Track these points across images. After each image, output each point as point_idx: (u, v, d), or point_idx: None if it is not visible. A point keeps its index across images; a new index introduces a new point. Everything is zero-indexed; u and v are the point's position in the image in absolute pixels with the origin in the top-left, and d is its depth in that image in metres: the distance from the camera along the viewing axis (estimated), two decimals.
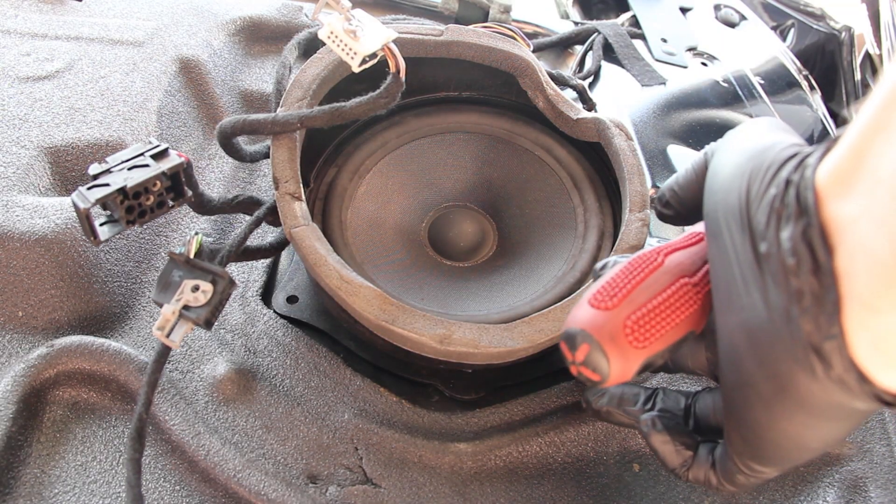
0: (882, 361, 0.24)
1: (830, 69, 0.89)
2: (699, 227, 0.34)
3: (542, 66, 0.53)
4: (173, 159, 0.39)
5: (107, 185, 0.37)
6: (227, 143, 0.46)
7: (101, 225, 0.38)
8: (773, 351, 0.27)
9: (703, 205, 0.32)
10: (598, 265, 0.36)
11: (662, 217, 0.38)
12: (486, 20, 0.75)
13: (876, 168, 0.23)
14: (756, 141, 0.30)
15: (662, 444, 0.37)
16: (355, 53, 0.40)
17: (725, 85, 0.72)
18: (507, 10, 0.75)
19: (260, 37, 0.72)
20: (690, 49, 0.78)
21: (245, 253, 0.46)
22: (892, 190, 0.22)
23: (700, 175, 0.33)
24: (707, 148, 0.34)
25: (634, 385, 0.43)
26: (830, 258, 0.24)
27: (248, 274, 0.53)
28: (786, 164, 0.27)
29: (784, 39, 0.92)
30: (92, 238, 0.38)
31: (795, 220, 0.25)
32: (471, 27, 0.54)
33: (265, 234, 0.55)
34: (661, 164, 0.61)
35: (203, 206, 0.44)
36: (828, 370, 0.25)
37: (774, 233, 0.26)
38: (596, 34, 0.76)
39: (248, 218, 0.45)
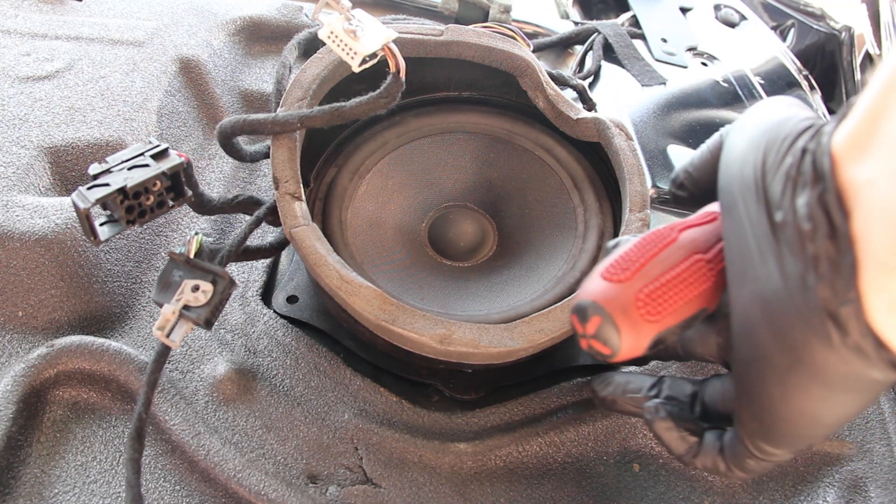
0: None
1: (830, 69, 0.89)
2: (714, 206, 0.34)
3: (542, 66, 0.53)
4: (173, 159, 0.39)
5: (107, 184, 0.37)
6: (227, 143, 0.46)
7: (101, 225, 0.38)
8: (788, 320, 0.26)
9: (717, 182, 0.31)
10: (611, 243, 0.36)
11: (676, 199, 0.38)
12: (486, 20, 0.75)
13: (891, 129, 0.23)
14: (772, 115, 0.30)
15: (666, 430, 0.37)
16: (355, 53, 0.40)
17: (725, 85, 0.72)
18: (507, 10, 0.75)
19: (260, 37, 0.72)
20: (690, 49, 0.78)
21: (245, 253, 0.46)
22: None
23: (715, 156, 0.33)
24: (723, 129, 0.33)
25: (640, 374, 0.43)
26: (847, 222, 0.24)
27: (248, 274, 0.53)
28: (802, 134, 0.27)
29: (784, 39, 0.92)
30: (92, 238, 0.38)
31: (812, 187, 0.25)
32: (471, 27, 0.54)
33: (265, 234, 0.55)
34: (661, 164, 0.61)
35: (203, 206, 0.44)
36: (844, 337, 0.25)
37: (790, 200, 0.26)
38: (596, 34, 0.76)
39: (248, 218, 0.45)
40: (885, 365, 0.25)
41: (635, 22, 0.81)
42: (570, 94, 0.63)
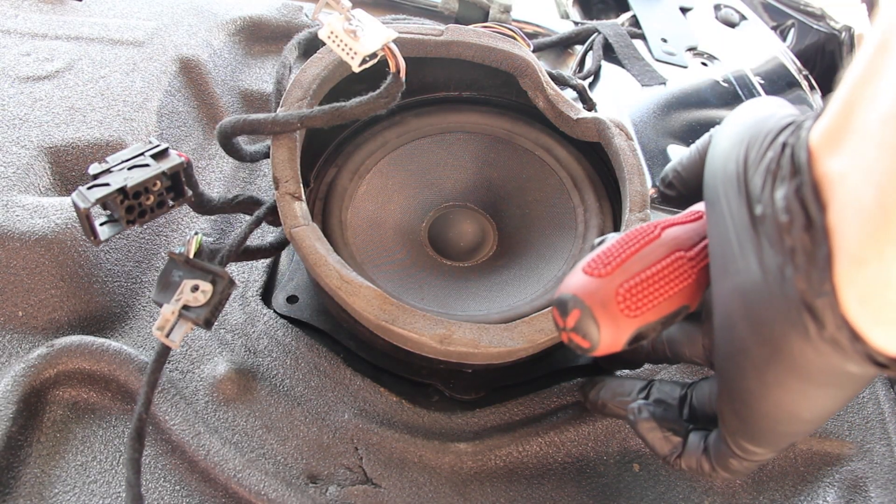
0: (871, 317, 0.24)
1: (830, 69, 0.89)
2: (699, 206, 0.35)
3: (542, 66, 0.53)
4: (173, 159, 0.39)
5: (107, 184, 0.37)
6: (227, 143, 0.46)
7: (101, 225, 0.38)
8: (766, 313, 0.27)
9: (703, 169, 0.32)
10: (597, 240, 0.37)
11: (664, 198, 0.38)
12: (486, 20, 0.75)
13: (863, 121, 0.23)
14: (756, 114, 0.30)
15: (649, 431, 0.38)
16: (355, 53, 0.40)
17: (725, 85, 0.72)
18: (507, 10, 0.75)
19: (260, 37, 0.72)
20: (690, 49, 0.78)
21: (245, 253, 0.46)
22: (878, 140, 0.22)
23: (703, 156, 0.34)
24: (712, 130, 0.34)
25: (631, 377, 0.43)
26: (822, 214, 0.24)
27: (248, 274, 0.53)
28: (783, 130, 0.27)
29: (784, 39, 0.92)
30: (92, 238, 0.38)
31: (790, 180, 0.25)
32: (471, 27, 0.54)
33: (265, 234, 0.55)
34: (661, 164, 0.61)
35: (203, 205, 0.44)
36: (821, 330, 0.25)
37: (769, 193, 0.26)
38: (596, 34, 0.76)
39: (248, 218, 0.45)
40: (860, 358, 0.25)
41: (635, 22, 0.81)
42: (570, 94, 0.63)
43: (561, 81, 0.60)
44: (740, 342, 0.29)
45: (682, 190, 0.37)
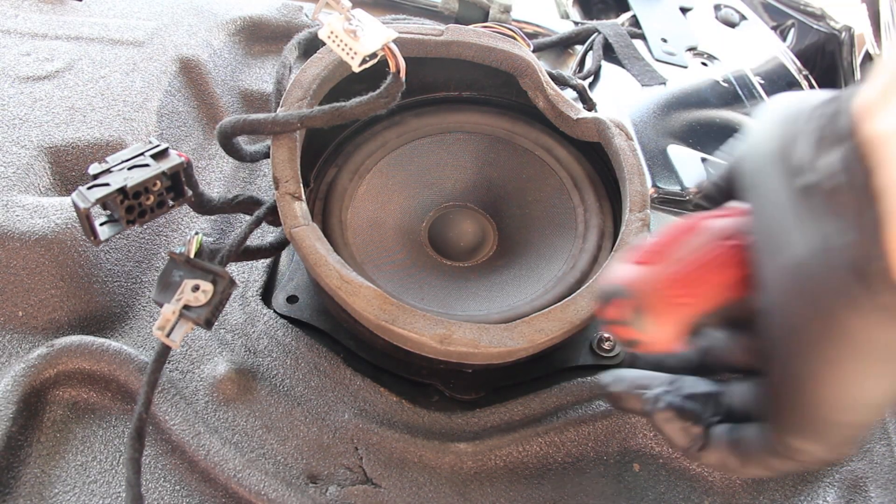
0: None
1: (830, 69, 0.89)
2: (733, 203, 0.34)
3: (542, 66, 0.53)
4: (173, 159, 0.39)
5: (107, 184, 0.37)
6: (227, 142, 0.46)
7: (101, 225, 0.38)
8: (816, 284, 0.26)
9: (738, 170, 0.31)
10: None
11: (699, 210, 0.37)
12: (486, 20, 0.75)
13: None
14: (791, 98, 0.30)
15: (665, 421, 0.35)
16: (355, 53, 0.40)
17: (725, 85, 0.72)
18: (507, 10, 0.75)
19: (260, 37, 0.72)
20: (690, 49, 0.78)
21: (245, 253, 0.46)
22: None
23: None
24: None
25: (653, 372, 0.41)
26: (869, 177, 0.23)
27: (248, 274, 0.53)
28: (825, 104, 0.27)
29: (784, 39, 0.92)
30: (92, 238, 0.38)
31: (835, 146, 0.25)
32: (471, 27, 0.54)
33: (265, 234, 0.55)
34: (661, 164, 0.61)
35: (203, 205, 0.44)
36: (874, 297, 0.24)
37: (814, 162, 0.26)
38: (596, 34, 0.76)
39: (248, 218, 0.45)
40: None
41: (635, 22, 0.81)
42: (570, 94, 0.63)
43: (561, 81, 0.60)
44: (792, 319, 0.27)
45: (721, 200, 0.35)
